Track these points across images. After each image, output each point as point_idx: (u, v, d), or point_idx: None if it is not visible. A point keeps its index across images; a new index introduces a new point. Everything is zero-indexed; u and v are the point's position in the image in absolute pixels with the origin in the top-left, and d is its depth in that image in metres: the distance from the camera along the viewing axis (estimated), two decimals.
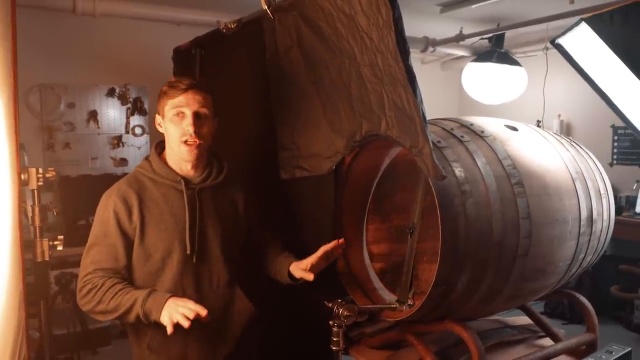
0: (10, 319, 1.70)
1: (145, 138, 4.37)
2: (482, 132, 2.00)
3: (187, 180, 1.70)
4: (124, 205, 1.66)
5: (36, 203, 1.92)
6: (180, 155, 1.69)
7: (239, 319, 1.77)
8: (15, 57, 1.84)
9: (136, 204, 1.66)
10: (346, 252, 2.24)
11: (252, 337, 1.86)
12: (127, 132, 4.29)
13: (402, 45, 1.59)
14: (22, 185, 1.86)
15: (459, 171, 1.81)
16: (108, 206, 1.67)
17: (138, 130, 4.33)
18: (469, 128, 2.02)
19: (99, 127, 4.18)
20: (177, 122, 1.66)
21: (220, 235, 1.72)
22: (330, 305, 1.79)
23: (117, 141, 4.26)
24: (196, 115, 1.65)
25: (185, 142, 1.66)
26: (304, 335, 2.28)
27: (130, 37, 4.25)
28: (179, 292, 1.67)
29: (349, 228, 2.26)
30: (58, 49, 3.88)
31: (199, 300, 1.63)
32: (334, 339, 1.78)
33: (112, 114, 4.22)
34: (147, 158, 1.77)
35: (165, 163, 1.73)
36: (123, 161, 4.29)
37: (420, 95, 1.61)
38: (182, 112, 1.65)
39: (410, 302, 2.00)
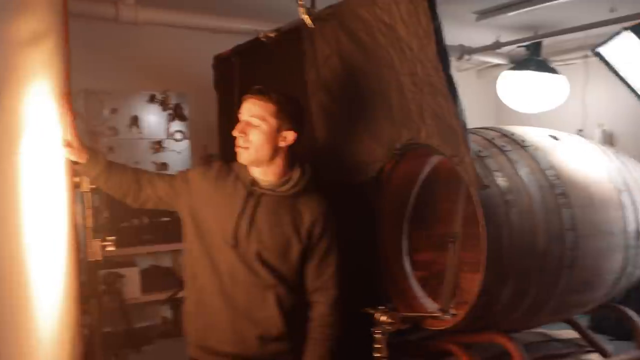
0: (69, 313, 1.77)
1: (185, 143, 4.44)
2: (524, 141, 1.99)
3: (255, 182, 1.76)
4: (203, 172, 1.86)
5: (88, 205, 1.99)
6: None
7: (261, 324, 1.77)
8: (69, 65, 1.92)
9: (211, 179, 1.81)
10: (387, 260, 2.24)
11: (276, 348, 1.81)
12: (167, 137, 4.37)
13: (443, 54, 1.60)
14: (74, 188, 1.94)
15: (502, 181, 1.80)
16: (196, 167, 1.90)
17: (178, 136, 4.41)
18: (510, 138, 2.00)
19: (140, 132, 4.27)
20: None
21: (262, 241, 1.74)
22: (372, 312, 1.80)
23: (158, 146, 4.34)
24: (247, 123, 1.71)
25: (237, 145, 1.73)
26: (345, 343, 2.28)
27: (171, 44, 4.34)
28: (215, 271, 1.76)
29: (388, 236, 2.26)
30: (102, 56, 3.99)
31: (231, 288, 1.75)
32: (377, 347, 1.78)
33: (153, 119, 4.31)
34: None
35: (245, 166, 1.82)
36: (163, 165, 4.37)
37: (461, 105, 1.61)
38: (240, 119, 1.74)
39: (453, 311, 1.98)
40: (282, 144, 1.73)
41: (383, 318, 1.78)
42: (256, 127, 1.70)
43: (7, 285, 0.95)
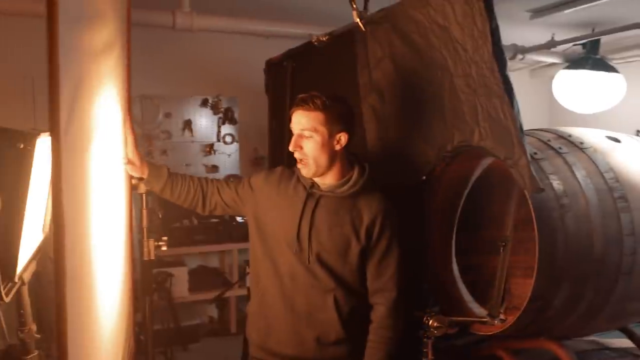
0: (125, 309, 1.85)
1: (235, 146, 4.56)
2: (582, 143, 1.93)
3: (315, 185, 1.79)
4: (266, 176, 1.89)
5: (144, 206, 2.07)
6: None
7: (320, 327, 1.79)
8: (130, 72, 2.01)
9: (273, 183, 1.85)
10: (435, 263, 2.22)
11: (335, 352, 1.82)
12: (218, 140, 4.49)
13: (499, 55, 1.58)
14: (132, 190, 2.03)
15: (557, 184, 1.76)
16: (260, 171, 1.97)
17: (228, 139, 4.53)
18: (567, 139, 1.95)
19: (192, 136, 4.42)
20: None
21: (321, 243, 1.75)
22: (420, 315, 1.79)
23: (209, 149, 4.48)
24: (300, 136, 1.73)
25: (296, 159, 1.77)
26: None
27: (223, 50, 4.47)
28: (277, 273, 1.79)
29: (437, 238, 2.25)
30: (157, 63, 4.16)
31: (291, 291, 1.77)
32: (424, 350, 1.77)
33: (205, 123, 4.45)
34: None
35: None
36: (214, 168, 4.50)
37: (518, 106, 1.59)
38: (292, 132, 1.76)
39: (502, 316, 1.95)
40: (337, 147, 1.74)
41: (431, 321, 1.77)
42: (309, 138, 1.71)
43: (78, 286, 1.00)
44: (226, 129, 4.50)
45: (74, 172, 0.92)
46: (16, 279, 1.26)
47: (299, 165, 1.77)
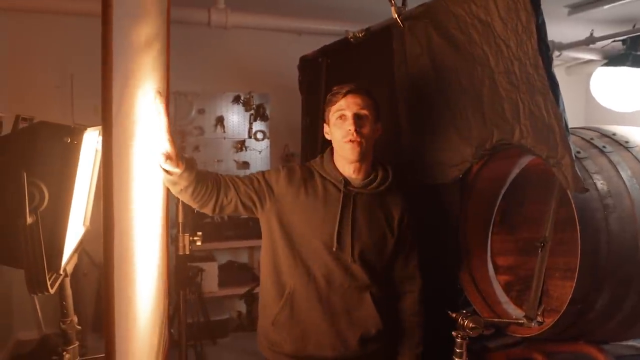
0: (160, 302, 1.88)
1: (266, 143, 4.58)
2: (627, 142, 1.88)
3: (347, 182, 1.78)
4: (287, 175, 1.80)
5: (180, 201, 2.10)
6: (344, 156, 1.77)
7: (361, 324, 1.79)
8: (169, 68, 2.04)
9: (297, 183, 1.80)
10: (470, 263, 2.19)
11: (374, 347, 1.84)
12: (249, 137, 4.52)
13: (545, 52, 1.54)
14: None
15: (600, 184, 1.71)
16: (272, 169, 1.87)
17: (260, 135, 4.55)
18: (611, 138, 1.90)
19: (224, 132, 4.46)
20: (340, 124, 1.76)
21: (363, 241, 1.76)
22: (454, 316, 1.76)
23: (241, 145, 4.51)
24: (357, 116, 1.73)
25: (349, 140, 1.73)
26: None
27: (255, 46, 4.49)
28: (310, 276, 1.77)
29: (472, 238, 2.21)
30: (191, 59, 4.19)
31: (326, 292, 1.75)
32: (457, 351, 1.74)
33: (237, 119, 4.48)
34: (320, 156, 1.88)
35: (334, 163, 1.83)
36: (245, 164, 4.53)
37: (563, 104, 1.55)
38: (344, 115, 1.75)
39: (539, 318, 1.91)
40: (376, 136, 1.80)
41: (467, 322, 1.74)
42: (364, 119, 1.74)
43: (124, 279, 1.02)
44: (257, 125, 4.52)
45: (120, 167, 0.93)
46: (61, 271, 1.29)
47: (351, 144, 1.73)
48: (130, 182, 1.11)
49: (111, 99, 0.76)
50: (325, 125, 1.86)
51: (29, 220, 1.12)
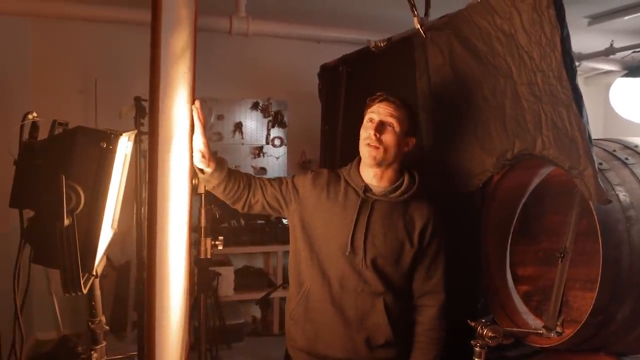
0: (183, 304, 1.91)
1: (283, 149, 4.62)
2: None
3: (368, 189, 1.80)
4: (313, 178, 1.87)
5: (203, 206, 2.14)
6: (362, 158, 1.81)
7: (370, 330, 1.80)
8: (195, 75, 2.08)
9: (321, 186, 1.84)
10: (489, 272, 2.20)
11: (383, 355, 1.84)
12: (267, 143, 4.57)
13: (569, 64, 1.56)
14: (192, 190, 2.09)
15: (623, 195, 1.72)
16: (302, 173, 1.93)
17: (277, 142, 4.60)
18: (634, 150, 1.90)
19: (243, 138, 4.51)
20: (366, 127, 1.79)
21: (377, 248, 1.77)
22: (474, 324, 1.77)
23: (258, 151, 4.56)
24: (381, 123, 1.76)
25: (367, 144, 1.76)
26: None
27: (274, 54, 4.55)
28: (325, 278, 1.79)
29: (492, 247, 2.22)
30: (212, 66, 4.26)
31: (340, 295, 1.77)
32: None
33: (255, 125, 4.54)
34: (352, 163, 1.91)
35: (359, 170, 1.86)
36: (262, 170, 4.57)
37: (587, 116, 1.56)
38: (372, 119, 1.78)
39: (558, 329, 1.91)
40: (405, 149, 1.80)
41: (486, 331, 1.74)
42: (389, 128, 1.75)
43: (160, 282, 1.04)
44: (275, 132, 4.57)
45: (162, 172, 0.96)
46: (94, 272, 1.33)
47: (368, 148, 1.76)
48: (169, 187, 1.14)
49: (158, 105, 0.79)
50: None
51: (66, 222, 1.16)
